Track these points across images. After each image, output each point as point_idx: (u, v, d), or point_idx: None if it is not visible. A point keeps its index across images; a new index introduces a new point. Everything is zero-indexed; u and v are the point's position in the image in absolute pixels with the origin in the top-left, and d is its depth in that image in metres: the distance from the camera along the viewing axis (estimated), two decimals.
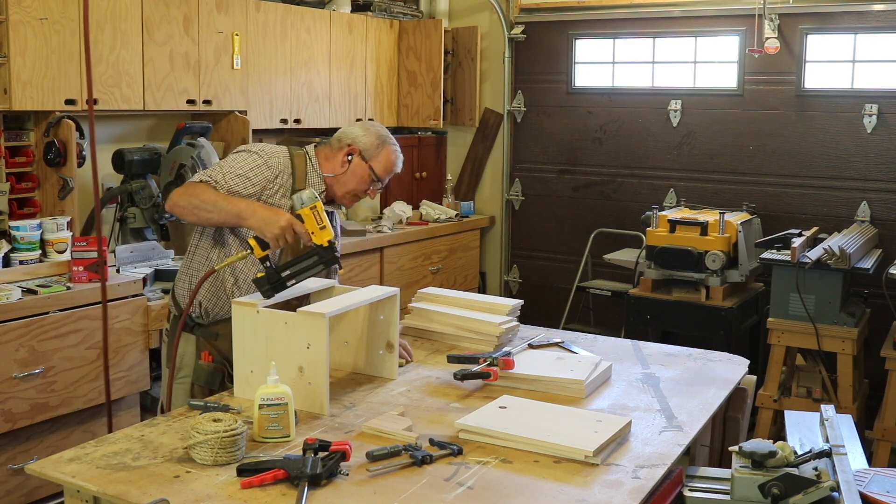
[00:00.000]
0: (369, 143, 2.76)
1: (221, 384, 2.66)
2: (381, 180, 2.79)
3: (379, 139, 2.78)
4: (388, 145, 2.80)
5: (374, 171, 2.76)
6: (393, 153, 2.80)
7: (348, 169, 2.75)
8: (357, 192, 2.79)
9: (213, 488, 1.91)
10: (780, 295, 4.28)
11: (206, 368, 2.68)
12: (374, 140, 2.77)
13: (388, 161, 2.79)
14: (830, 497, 1.97)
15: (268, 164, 2.67)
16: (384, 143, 2.79)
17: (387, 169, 2.79)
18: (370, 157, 2.76)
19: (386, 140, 2.80)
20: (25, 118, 3.90)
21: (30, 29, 3.64)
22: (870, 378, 4.62)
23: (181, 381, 2.72)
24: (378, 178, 2.77)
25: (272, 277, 2.45)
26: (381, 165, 2.77)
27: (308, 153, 2.79)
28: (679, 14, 5.34)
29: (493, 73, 6.04)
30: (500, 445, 2.16)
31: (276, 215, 2.49)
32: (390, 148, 2.80)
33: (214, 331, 2.70)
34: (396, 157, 2.81)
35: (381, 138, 2.79)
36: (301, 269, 2.49)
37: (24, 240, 3.71)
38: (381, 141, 2.78)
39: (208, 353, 2.70)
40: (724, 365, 2.91)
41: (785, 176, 5.13)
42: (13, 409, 3.37)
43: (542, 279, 6.01)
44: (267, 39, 4.72)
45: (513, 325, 3.06)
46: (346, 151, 2.75)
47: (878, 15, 4.79)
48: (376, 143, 2.77)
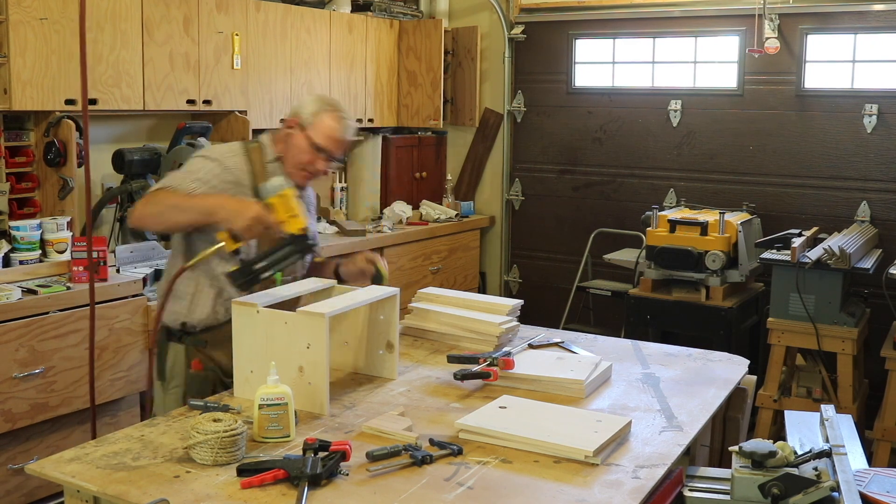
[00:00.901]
0: (307, 111, 2.64)
1: (214, 392, 2.59)
2: (325, 150, 2.63)
3: (317, 106, 2.64)
4: (327, 111, 2.63)
5: (312, 139, 2.61)
6: (332, 118, 2.63)
7: (290, 143, 2.65)
8: (304, 167, 2.65)
9: (213, 488, 1.91)
10: (780, 295, 4.28)
11: (197, 377, 2.62)
12: (312, 108, 2.64)
13: (327, 126, 2.62)
14: (830, 497, 1.97)
15: (225, 167, 2.59)
16: (322, 109, 2.63)
17: (327, 135, 2.62)
18: (307, 126, 2.62)
19: (325, 106, 2.64)
20: (25, 118, 3.90)
21: (30, 29, 3.64)
22: (870, 378, 4.62)
23: (172, 391, 2.67)
24: (318, 146, 2.62)
25: (245, 270, 2.40)
26: (320, 132, 2.62)
27: (262, 143, 2.71)
28: (679, 14, 5.34)
29: (493, 73, 6.04)
30: (500, 445, 2.16)
31: (244, 206, 2.41)
32: (329, 114, 2.63)
33: (203, 338, 2.64)
34: (337, 122, 2.63)
35: (321, 105, 2.65)
36: (275, 259, 2.44)
37: (24, 240, 3.71)
38: (319, 108, 2.63)
39: (198, 361, 2.64)
40: (724, 365, 2.91)
41: (785, 176, 5.13)
42: (13, 409, 3.37)
43: (542, 279, 6.01)
44: (267, 39, 4.72)
45: (513, 325, 3.06)
46: (287, 124, 2.67)
47: (878, 15, 4.79)
48: (314, 111, 2.63)
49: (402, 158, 5.91)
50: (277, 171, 2.63)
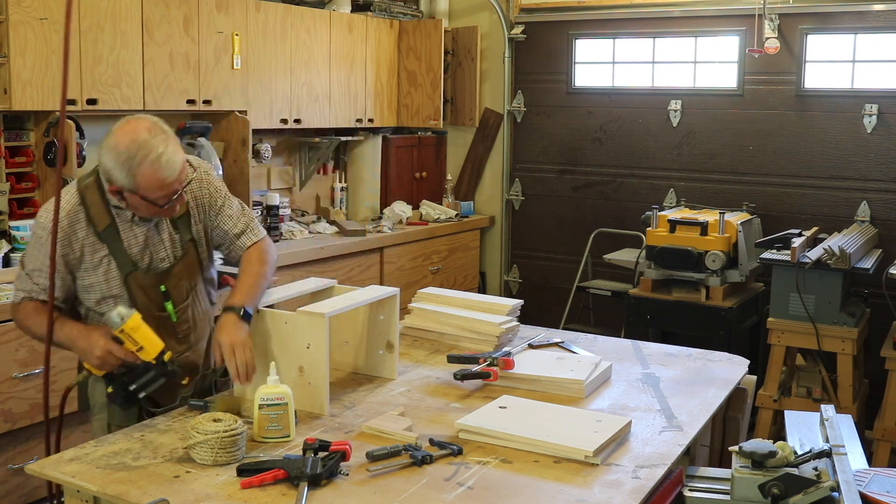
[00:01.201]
0: (120, 177, 2.26)
1: (140, 418, 2.42)
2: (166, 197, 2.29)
3: (124, 167, 2.24)
4: (136, 167, 2.23)
5: (149, 199, 2.28)
6: (149, 170, 2.23)
7: (129, 204, 2.34)
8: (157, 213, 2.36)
9: (213, 488, 1.91)
10: (780, 295, 4.28)
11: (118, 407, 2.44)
12: (122, 172, 2.25)
13: (152, 182, 2.25)
14: (830, 497, 1.97)
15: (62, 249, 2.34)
16: (131, 167, 2.23)
17: (158, 187, 2.26)
18: (135, 189, 2.26)
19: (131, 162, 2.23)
20: (25, 118, 3.90)
21: (30, 29, 3.64)
22: (870, 378, 4.62)
23: (98, 419, 2.52)
24: (159, 203, 2.29)
25: (122, 393, 2.32)
26: (149, 189, 2.26)
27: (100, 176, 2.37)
28: (679, 14, 5.34)
29: (493, 73, 6.04)
30: (500, 445, 2.16)
31: (89, 345, 2.27)
32: (141, 169, 2.23)
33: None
34: (156, 171, 2.24)
35: (126, 164, 2.24)
36: (145, 382, 2.31)
37: (24, 240, 3.72)
38: (128, 167, 2.24)
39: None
40: (724, 365, 2.91)
41: (785, 176, 5.13)
42: (13, 409, 3.37)
43: (542, 279, 6.01)
44: (267, 39, 4.72)
45: (513, 325, 3.06)
46: (113, 191, 2.32)
47: (878, 15, 4.79)
48: (125, 175, 2.24)
49: (402, 158, 5.91)
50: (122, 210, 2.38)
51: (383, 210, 5.70)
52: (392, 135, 5.87)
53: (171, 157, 2.27)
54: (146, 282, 2.42)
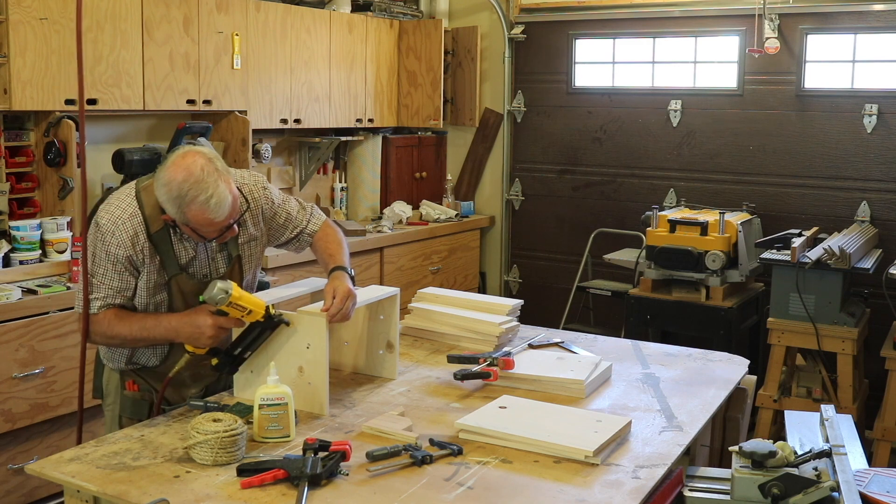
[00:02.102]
0: (174, 212, 2.33)
1: (149, 414, 2.49)
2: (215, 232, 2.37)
3: (175, 204, 2.30)
4: (186, 205, 2.29)
5: (199, 232, 2.35)
6: (199, 209, 2.28)
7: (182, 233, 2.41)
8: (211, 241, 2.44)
9: (213, 488, 1.91)
10: (780, 295, 4.28)
11: (130, 398, 2.51)
12: (174, 208, 2.31)
13: (202, 220, 2.31)
14: (830, 497, 1.97)
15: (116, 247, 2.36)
16: (181, 205, 2.29)
17: (204, 223, 2.32)
18: (186, 221, 2.33)
19: (181, 201, 2.29)
20: (25, 118, 3.90)
21: (30, 29, 3.64)
22: (870, 378, 4.62)
23: (109, 407, 2.59)
24: (208, 237, 2.38)
25: (228, 361, 2.38)
26: (200, 225, 2.33)
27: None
28: (679, 14, 5.34)
29: (493, 73, 6.04)
30: (500, 445, 2.16)
31: (198, 328, 2.32)
32: (191, 208, 2.29)
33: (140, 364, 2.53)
34: (205, 211, 2.29)
35: (177, 201, 2.29)
36: (251, 340, 2.38)
37: (24, 240, 3.71)
38: (178, 205, 2.29)
39: (132, 381, 2.53)
40: (724, 365, 2.91)
41: (785, 176, 5.13)
42: (13, 409, 3.37)
43: (542, 279, 6.01)
44: (267, 39, 4.72)
45: (513, 325, 3.06)
46: (167, 220, 2.39)
47: (878, 15, 4.79)
48: (177, 211, 2.31)
49: (402, 158, 5.91)
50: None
51: (383, 210, 5.70)
52: (392, 135, 5.87)
53: (221, 199, 2.30)
54: (188, 287, 2.45)
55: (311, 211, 2.74)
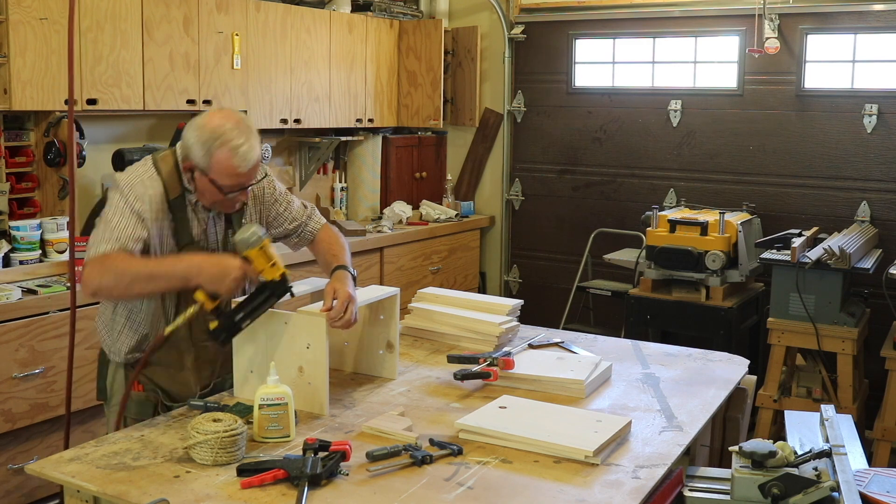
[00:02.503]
0: (198, 154, 2.33)
1: (154, 415, 2.46)
2: (234, 187, 2.36)
3: (205, 145, 2.31)
4: (216, 149, 2.30)
5: (216, 182, 2.34)
6: (226, 155, 2.30)
7: (196, 187, 2.39)
8: (221, 203, 2.42)
9: (213, 488, 1.91)
10: (780, 295, 4.28)
11: (135, 399, 2.47)
12: (201, 150, 2.32)
13: (225, 167, 2.31)
14: (830, 497, 1.97)
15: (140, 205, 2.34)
16: (211, 147, 2.31)
17: (228, 175, 2.33)
18: (206, 170, 2.33)
19: (212, 143, 2.30)
20: (25, 118, 3.90)
21: (30, 29, 3.64)
22: (870, 378, 4.62)
23: (113, 409, 2.54)
24: (224, 189, 2.35)
25: (227, 325, 2.30)
26: (221, 174, 2.33)
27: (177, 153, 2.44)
28: (679, 14, 5.34)
29: (493, 73, 6.04)
30: (500, 445, 2.16)
31: (224, 268, 2.25)
32: (220, 152, 2.30)
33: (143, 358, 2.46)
34: (233, 156, 2.30)
35: (208, 143, 2.31)
36: (254, 307, 2.33)
37: (24, 240, 3.71)
38: (208, 147, 2.31)
39: (138, 381, 2.48)
40: (724, 365, 2.91)
41: (785, 176, 5.13)
42: (13, 409, 3.37)
43: (542, 279, 6.01)
44: (267, 39, 4.72)
45: (513, 325, 3.06)
46: (186, 168, 2.39)
47: (878, 15, 4.79)
48: (204, 153, 2.32)
49: (402, 158, 5.91)
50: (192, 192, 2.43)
51: (383, 210, 5.70)
52: (392, 135, 5.87)
53: (249, 151, 2.33)
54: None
55: (312, 212, 2.77)
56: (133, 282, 2.29)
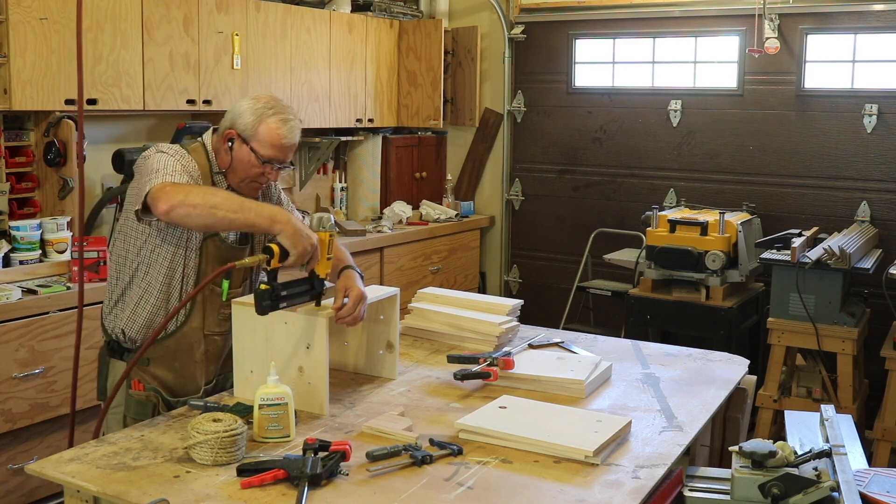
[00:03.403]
0: (246, 121, 2.40)
1: (155, 414, 2.44)
2: (273, 160, 2.41)
3: (256, 112, 2.40)
4: (268, 117, 2.40)
5: (256, 151, 2.39)
6: (275, 124, 2.40)
7: (232, 157, 2.42)
8: (251, 180, 2.45)
9: (213, 488, 1.91)
10: (780, 295, 4.28)
11: (136, 398, 2.46)
12: (251, 116, 2.40)
13: (271, 135, 2.39)
14: (830, 497, 1.97)
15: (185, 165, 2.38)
16: (263, 115, 2.40)
17: (271, 144, 2.40)
18: (249, 137, 2.40)
19: (265, 111, 2.41)
20: (25, 118, 3.90)
21: (30, 29, 3.64)
22: (870, 378, 4.62)
23: (114, 411, 2.49)
24: (266, 158, 2.40)
25: (274, 293, 2.23)
26: (263, 142, 2.40)
27: (205, 145, 2.48)
28: (679, 14, 5.34)
29: (493, 73, 6.04)
30: (500, 445, 2.16)
31: (306, 231, 2.23)
32: (272, 119, 2.40)
33: (145, 356, 2.45)
34: (282, 127, 2.40)
35: (260, 110, 2.41)
36: (293, 294, 2.31)
37: (24, 240, 3.71)
38: (259, 114, 2.40)
39: (138, 381, 2.47)
40: (724, 365, 2.91)
41: (785, 176, 5.13)
42: (13, 409, 3.37)
43: (542, 279, 6.01)
44: (267, 39, 4.73)
45: (513, 325, 3.06)
46: (226, 137, 2.43)
47: (878, 15, 4.79)
48: (253, 120, 2.40)
49: (402, 158, 5.91)
50: (222, 184, 2.46)
51: (383, 210, 5.70)
52: (392, 135, 5.87)
53: (296, 127, 2.45)
54: (217, 252, 2.46)
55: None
56: (220, 204, 2.21)
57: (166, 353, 2.49)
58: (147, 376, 2.49)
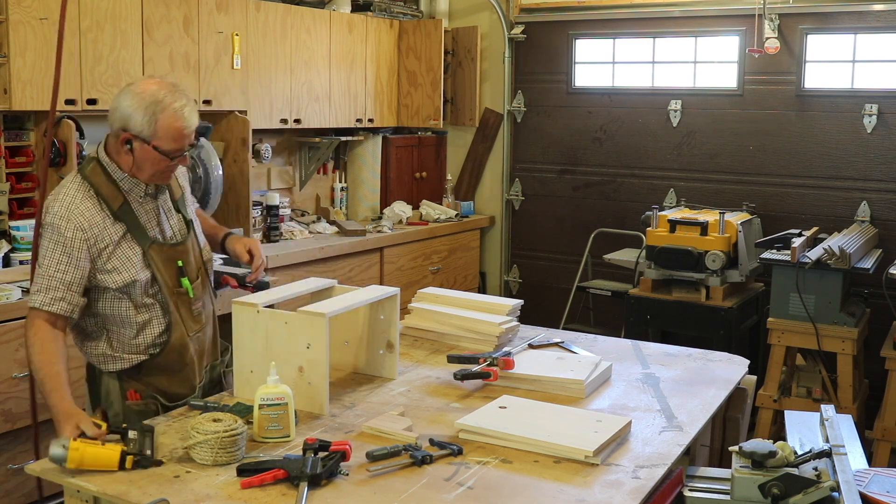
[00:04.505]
0: (140, 121, 2.30)
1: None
2: (178, 150, 2.36)
3: (147, 111, 2.29)
4: (160, 112, 2.30)
5: (160, 148, 2.32)
6: (172, 118, 2.31)
7: (134, 157, 2.34)
8: (160, 172, 2.40)
9: (213, 488, 1.91)
10: (780, 295, 4.28)
11: (135, 409, 2.41)
12: (143, 116, 2.30)
13: (170, 130, 2.32)
14: (830, 497, 1.97)
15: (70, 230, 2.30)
16: (154, 112, 2.30)
17: (173, 138, 2.33)
18: (149, 137, 2.31)
19: (155, 108, 2.30)
20: (25, 118, 3.89)
21: (30, 29, 3.64)
22: (870, 378, 4.62)
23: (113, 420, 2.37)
24: (169, 154, 2.34)
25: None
26: (165, 139, 2.32)
27: (101, 159, 2.40)
28: (679, 14, 5.34)
29: (493, 73, 6.04)
30: (500, 445, 2.16)
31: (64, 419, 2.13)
32: (164, 115, 2.31)
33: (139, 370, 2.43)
34: (178, 119, 2.32)
35: (150, 108, 2.30)
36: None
37: (24, 240, 3.72)
38: (151, 112, 2.30)
39: (134, 391, 2.43)
40: (724, 365, 2.91)
41: (785, 176, 5.13)
42: (13, 409, 3.37)
43: (542, 279, 6.01)
44: (267, 39, 4.72)
45: (513, 325, 3.06)
46: (123, 140, 2.34)
47: (878, 15, 4.79)
48: (147, 119, 2.30)
49: (402, 158, 5.91)
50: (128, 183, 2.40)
51: (383, 210, 5.70)
52: (392, 135, 5.87)
53: (192, 112, 2.38)
54: (164, 255, 2.44)
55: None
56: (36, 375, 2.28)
57: (158, 367, 2.46)
58: (142, 385, 2.45)
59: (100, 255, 2.35)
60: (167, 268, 2.44)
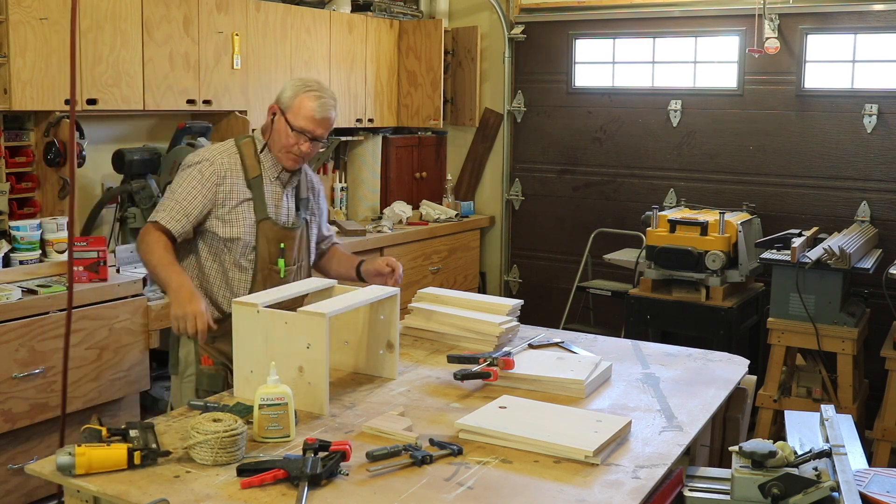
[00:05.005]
0: (286, 96, 2.74)
1: (225, 387, 2.66)
2: (305, 131, 2.72)
3: (295, 89, 2.73)
4: (303, 92, 2.72)
5: (291, 122, 2.71)
6: (309, 98, 2.71)
7: (272, 128, 2.77)
8: (288, 149, 2.75)
9: (213, 488, 1.91)
10: (780, 295, 4.28)
11: (206, 373, 2.70)
12: (290, 91, 2.73)
13: (303, 108, 2.70)
14: (830, 497, 1.97)
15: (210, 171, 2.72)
16: (300, 91, 2.72)
17: (303, 116, 2.71)
18: (286, 109, 2.73)
19: (303, 88, 2.73)
20: (25, 118, 3.89)
21: (30, 29, 3.64)
22: (870, 378, 4.62)
23: (188, 380, 2.77)
24: (298, 129, 2.71)
25: None
26: (298, 115, 2.71)
27: (254, 136, 2.84)
28: (679, 14, 5.34)
29: (493, 73, 6.04)
30: (500, 445, 2.16)
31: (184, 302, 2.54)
32: (307, 95, 2.71)
33: (211, 334, 2.62)
34: (314, 102, 2.71)
35: (299, 87, 2.73)
36: None
37: (24, 240, 3.71)
38: (297, 90, 2.72)
39: (207, 356, 2.72)
40: (724, 365, 2.91)
41: (785, 176, 5.13)
42: (13, 409, 3.37)
43: (542, 279, 6.01)
44: (267, 39, 4.72)
45: (513, 325, 3.06)
46: (270, 111, 2.78)
47: (878, 15, 4.79)
48: (291, 94, 2.73)
49: (402, 158, 5.91)
50: (268, 160, 2.78)
51: (383, 210, 5.70)
52: (392, 135, 5.87)
53: (329, 106, 2.73)
54: (272, 233, 2.76)
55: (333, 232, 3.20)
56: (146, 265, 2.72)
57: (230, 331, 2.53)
58: (214, 352, 2.73)
59: (223, 203, 2.72)
60: (270, 244, 2.76)
